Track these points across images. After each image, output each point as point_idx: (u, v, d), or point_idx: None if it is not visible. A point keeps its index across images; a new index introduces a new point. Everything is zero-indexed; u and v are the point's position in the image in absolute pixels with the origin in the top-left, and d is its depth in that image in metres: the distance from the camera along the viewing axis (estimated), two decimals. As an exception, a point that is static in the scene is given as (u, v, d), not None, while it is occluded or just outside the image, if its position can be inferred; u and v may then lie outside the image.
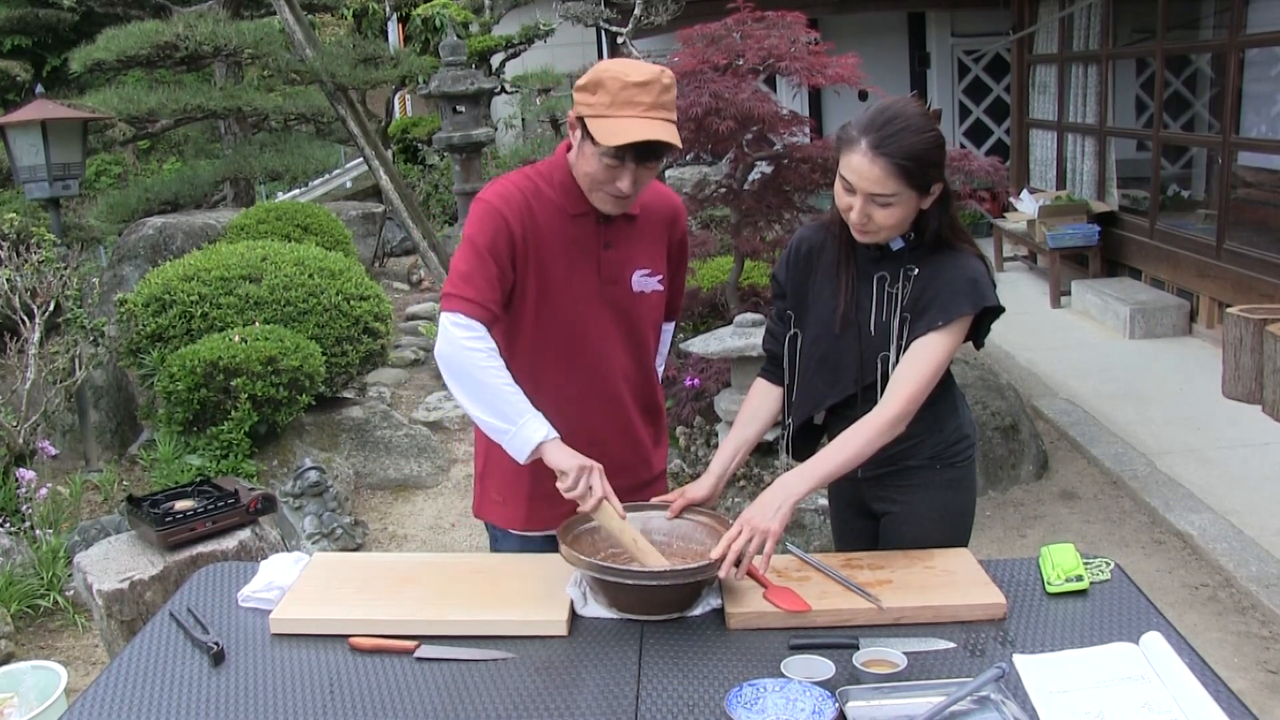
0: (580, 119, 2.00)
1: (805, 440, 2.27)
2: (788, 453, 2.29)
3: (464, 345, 2.01)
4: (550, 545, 2.22)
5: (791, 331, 2.23)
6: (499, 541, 2.36)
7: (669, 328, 2.44)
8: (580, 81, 2.00)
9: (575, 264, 2.12)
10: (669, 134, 1.96)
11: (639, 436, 2.30)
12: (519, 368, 2.09)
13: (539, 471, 2.05)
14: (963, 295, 2.03)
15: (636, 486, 2.26)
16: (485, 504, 2.33)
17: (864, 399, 2.12)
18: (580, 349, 2.17)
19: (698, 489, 2.15)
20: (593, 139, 1.97)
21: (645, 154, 1.97)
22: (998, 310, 2.07)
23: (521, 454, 2.01)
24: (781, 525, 1.90)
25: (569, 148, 2.10)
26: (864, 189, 1.96)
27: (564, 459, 1.99)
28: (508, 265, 2.07)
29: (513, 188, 2.11)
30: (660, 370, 2.40)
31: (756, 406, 2.28)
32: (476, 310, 2.03)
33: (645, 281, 2.20)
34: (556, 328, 2.14)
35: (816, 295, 2.18)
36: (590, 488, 1.98)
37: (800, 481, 1.97)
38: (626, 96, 1.94)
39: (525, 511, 2.24)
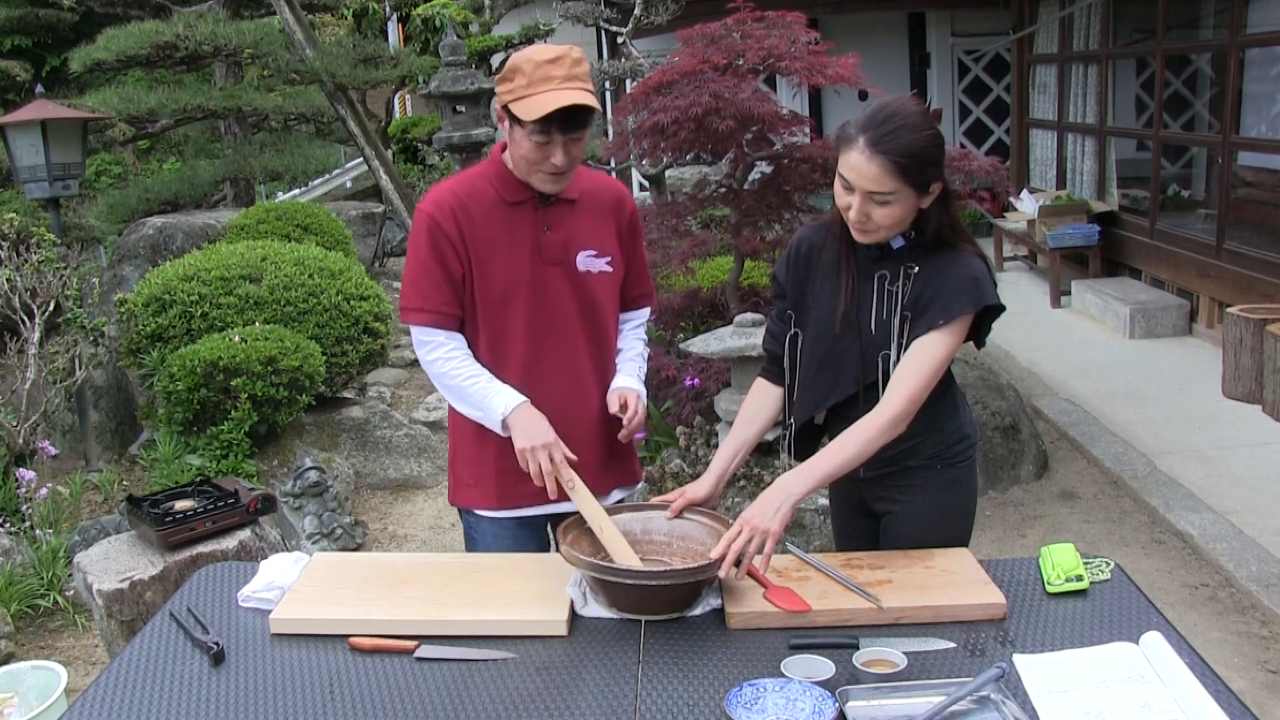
0: (504, 107, 2.11)
1: (806, 440, 2.27)
2: (788, 453, 2.29)
3: (427, 357, 2.25)
4: (524, 528, 2.33)
5: (792, 331, 2.22)
6: (474, 529, 2.40)
7: (639, 316, 2.49)
8: (498, 76, 2.14)
9: (515, 248, 2.22)
10: (586, 98, 2.06)
11: (600, 406, 2.35)
12: (485, 351, 2.25)
13: (506, 446, 2.20)
14: (963, 294, 2.03)
15: (607, 459, 2.36)
16: (459, 489, 2.40)
17: (865, 398, 2.12)
18: (536, 328, 2.25)
19: (698, 489, 2.16)
20: (520, 121, 2.08)
21: (569, 122, 2.07)
22: (998, 309, 2.07)
23: (502, 431, 2.20)
24: (781, 525, 1.91)
25: (504, 148, 2.24)
26: (862, 187, 1.96)
27: (517, 438, 2.15)
28: (453, 264, 2.20)
29: (446, 191, 2.25)
30: (644, 364, 2.45)
31: (757, 407, 2.28)
32: (429, 317, 2.23)
33: (592, 262, 2.28)
34: (509, 311, 2.23)
35: (817, 295, 2.18)
36: (540, 467, 2.12)
37: (800, 482, 1.97)
38: (542, 74, 2.06)
39: (495, 490, 2.31)
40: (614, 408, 2.30)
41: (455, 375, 2.22)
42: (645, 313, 2.52)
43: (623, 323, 2.45)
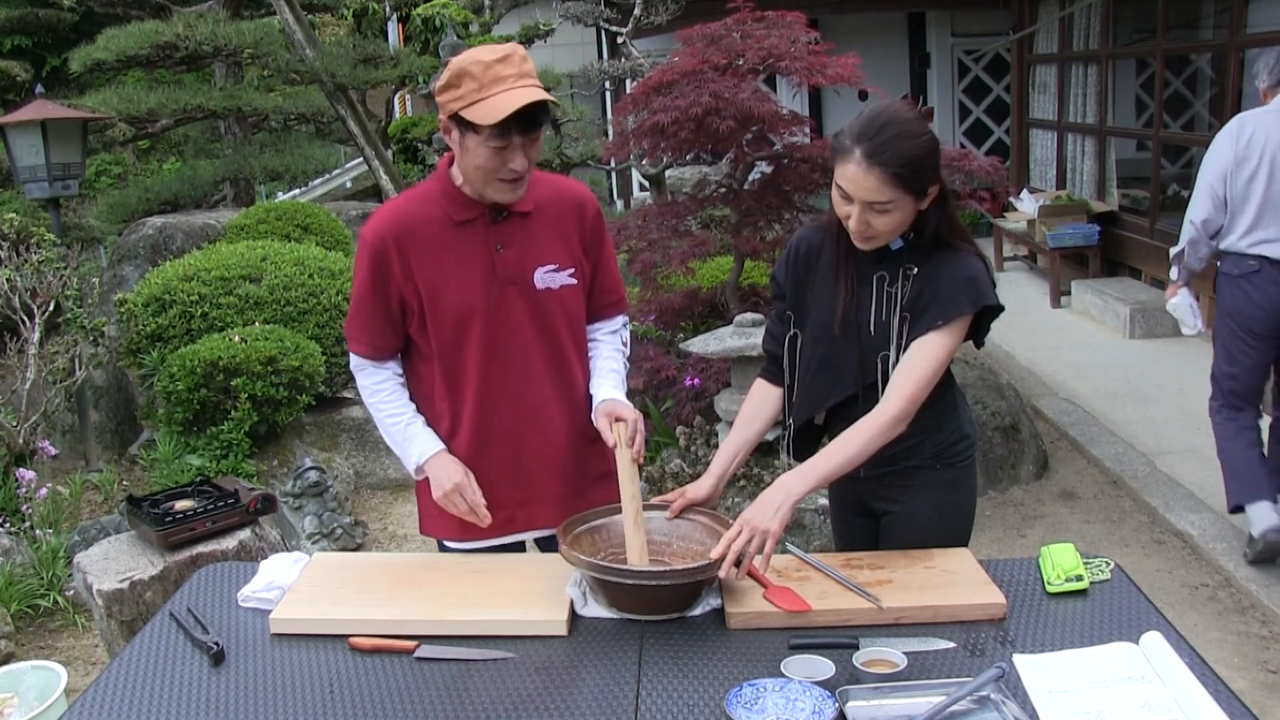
0: (453, 116, 1.99)
1: (806, 441, 2.27)
2: (788, 453, 2.29)
3: (360, 384, 2.24)
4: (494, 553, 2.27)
5: (791, 332, 2.22)
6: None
7: (612, 324, 2.35)
8: (440, 83, 2.00)
9: (466, 271, 2.10)
10: (541, 94, 1.96)
11: (566, 434, 2.23)
12: (440, 382, 2.18)
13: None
14: (962, 294, 2.03)
15: (579, 487, 2.25)
16: (426, 519, 2.34)
17: (865, 399, 2.12)
18: (491, 356, 2.14)
19: (698, 489, 2.15)
20: (474, 128, 1.96)
21: (528, 124, 1.96)
22: (997, 309, 2.07)
23: (417, 475, 2.22)
24: (781, 525, 1.90)
25: (450, 162, 2.11)
26: (861, 198, 1.96)
27: (433, 489, 2.15)
28: (394, 296, 2.11)
29: (388, 216, 2.13)
30: (624, 369, 2.32)
31: (756, 407, 2.28)
32: (364, 349, 2.20)
33: (551, 277, 2.16)
34: (463, 339, 2.13)
35: (816, 296, 2.18)
36: (462, 508, 2.12)
37: (800, 482, 1.97)
38: (492, 75, 1.94)
39: (458, 521, 2.21)
40: (605, 430, 2.13)
41: (381, 410, 2.20)
42: (619, 321, 2.36)
43: (593, 332, 2.32)
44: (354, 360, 2.23)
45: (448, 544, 2.32)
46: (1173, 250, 3.89)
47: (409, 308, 2.13)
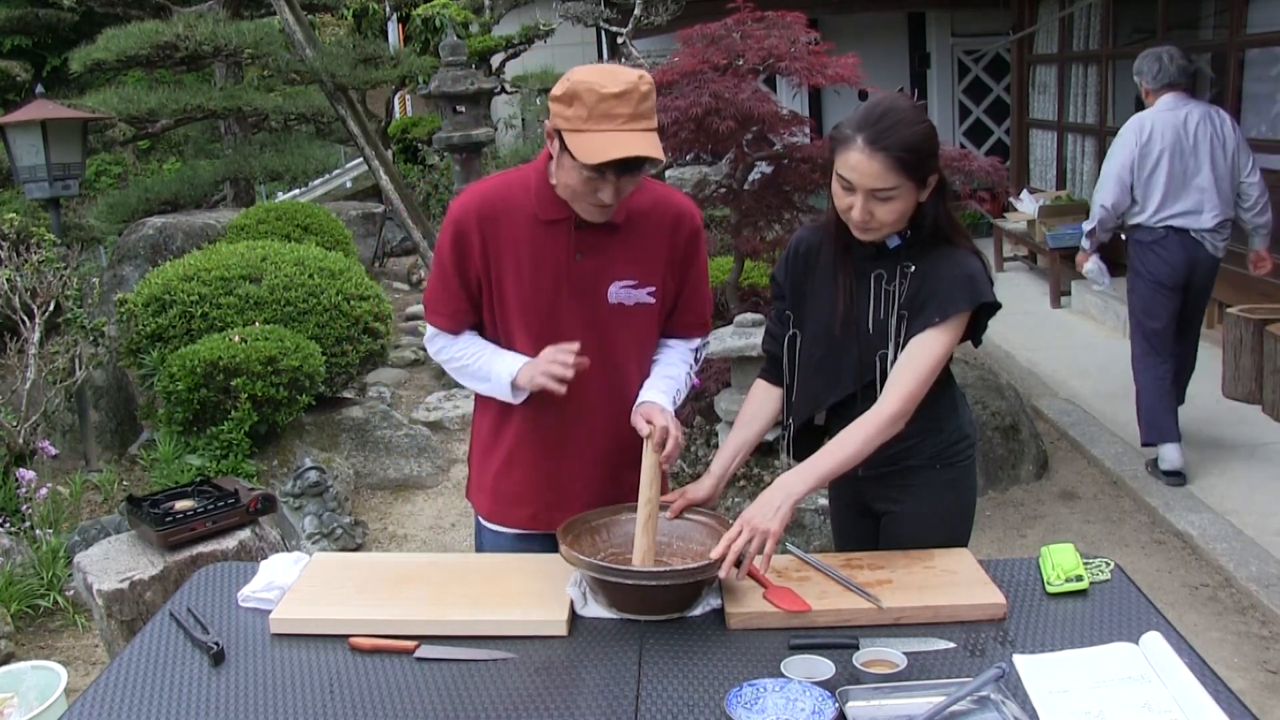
0: (557, 131, 1.92)
1: (806, 441, 2.27)
2: (788, 453, 2.29)
3: (435, 353, 2.21)
4: (521, 540, 2.29)
5: (791, 332, 2.22)
6: (480, 532, 2.39)
7: (692, 343, 2.27)
8: (555, 91, 1.92)
9: (542, 272, 2.06)
10: (650, 147, 1.88)
11: (604, 450, 2.19)
12: None
13: (504, 467, 2.20)
14: (959, 291, 2.03)
15: (611, 497, 2.18)
16: (470, 487, 2.38)
17: (864, 398, 2.12)
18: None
19: (698, 489, 2.15)
20: (571, 153, 1.89)
21: (626, 166, 1.89)
22: (995, 306, 2.08)
23: (513, 398, 2.12)
24: (781, 525, 1.90)
25: (550, 157, 2.03)
26: (864, 185, 1.96)
27: (535, 384, 2.04)
28: (471, 273, 2.10)
29: (478, 196, 2.09)
30: (685, 382, 2.23)
31: (757, 407, 2.28)
32: (444, 322, 2.17)
33: (627, 294, 2.09)
34: (522, 336, 2.10)
35: (814, 296, 2.18)
36: (559, 375, 2.00)
37: (800, 481, 1.97)
38: (604, 109, 1.85)
39: (490, 503, 2.28)
40: (641, 427, 2.07)
41: (459, 358, 2.15)
42: (696, 341, 2.27)
43: (664, 347, 2.24)
44: (430, 333, 2.19)
45: (482, 521, 2.34)
46: (1084, 226, 4.72)
47: (482, 288, 2.11)
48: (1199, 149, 4.39)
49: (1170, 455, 4.54)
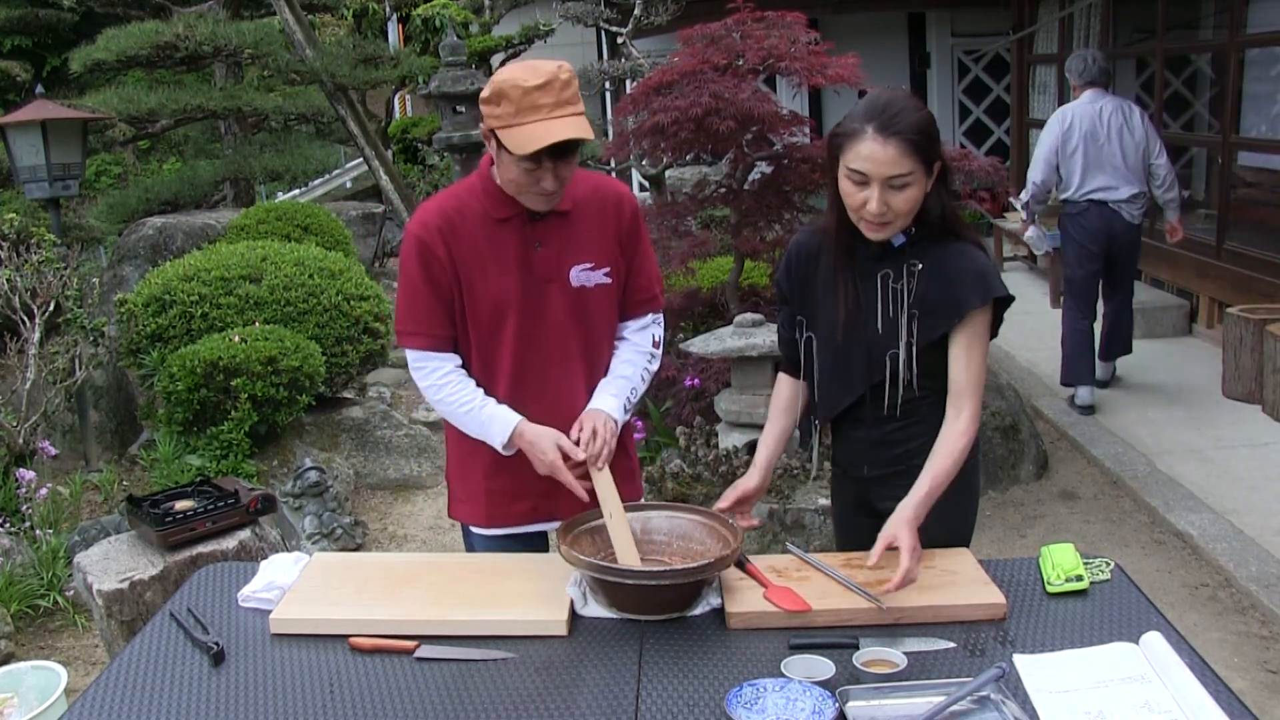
0: (492, 131, 2.03)
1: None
2: (814, 462, 2.31)
3: (423, 382, 2.21)
4: (518, 542, 2.31)
5: (806, 336, 2.23)
6: (471, 540, 2.40)
7: (649, 321, 2.34)
8: (483, 94, 2.03)
9: (504, 267, 2.15)
10: (578, 129, 1.98)
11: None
12: (476, 370, 2.21)
13: (493, 468, 2.21)
14: (971, 289, 2.03)
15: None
16: (453, 502, 2.39)
17: (872, 397, 2.12)
18: (526, 349, 2.18)
19: (748, 482, 2.18)
20: (507, 149, 2.00)
21: (560, 151, 2.00)
22: (1008, 299, 2.09)
23: (507, 450, 2.17)
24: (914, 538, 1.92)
25: (492, 160, 2.14)
26: (880, 174, 1.95)
27: (537, 464, 2.12)
28: (443, 285, 2.15)
29: (433, 210, 2.17)
30: (642, 377, 2.31)
31: (788, 397, 2.30)
32: (423, 341, 2.19)
33: (587, 276, 2.20)
34: (499, 332, 2.17)
35: (821, 299, 2.19)
36: (575, 447, 2.09)
37: (913, 509, 1.98)
38: (529, 102, 1.97)
39: (485, 509, 2.29)
40: (577, 435, 2.12)
41: (451, 401, 2.18)
42: (649, 320, 2.32)
43: (622, 330, 2.32)
44: (413, 357, 2.21)
45: (473, 529, 2.35)
46: (1021, 199, 5.64)
47: (454, 295, 2.17)
48: (1111, 135, 5.18)
49: (1084, 394, 5.48)
